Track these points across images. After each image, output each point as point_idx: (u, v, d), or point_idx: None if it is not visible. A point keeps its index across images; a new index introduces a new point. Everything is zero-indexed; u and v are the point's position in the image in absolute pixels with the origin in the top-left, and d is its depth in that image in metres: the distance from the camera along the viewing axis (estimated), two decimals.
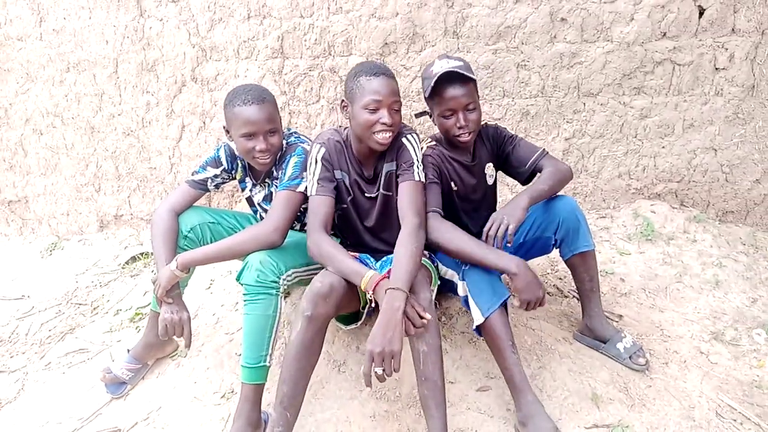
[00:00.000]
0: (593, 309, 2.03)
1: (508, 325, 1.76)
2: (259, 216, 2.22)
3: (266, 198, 2.11)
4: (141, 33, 3.22)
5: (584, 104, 2.87)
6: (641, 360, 1.93)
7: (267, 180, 2.09)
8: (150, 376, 2.21)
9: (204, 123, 3.31)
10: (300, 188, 1.89)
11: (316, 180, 1.86)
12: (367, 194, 1.97)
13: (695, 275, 2.47)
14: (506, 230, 1.74)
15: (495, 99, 2.92)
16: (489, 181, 2.12)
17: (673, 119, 2.81)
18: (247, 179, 2.16)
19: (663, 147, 2.87)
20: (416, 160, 1.86)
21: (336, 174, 1.92)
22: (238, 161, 2.12)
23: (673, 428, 1.71)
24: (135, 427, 1.97)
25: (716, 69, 2.71)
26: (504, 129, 2.12)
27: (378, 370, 1.51)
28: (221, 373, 2.13)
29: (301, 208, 1.93)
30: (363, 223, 2.03)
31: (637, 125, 2.85)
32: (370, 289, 1.62)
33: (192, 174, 2.10)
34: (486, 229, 1.79)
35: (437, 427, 1.60)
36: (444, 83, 1.84)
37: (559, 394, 1.84)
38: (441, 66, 1.86)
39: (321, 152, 1.89)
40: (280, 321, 1.78)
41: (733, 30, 2.65)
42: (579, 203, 2.18)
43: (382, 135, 1.79)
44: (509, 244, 1.77)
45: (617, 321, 2.22)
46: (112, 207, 3.65)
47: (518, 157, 2.06)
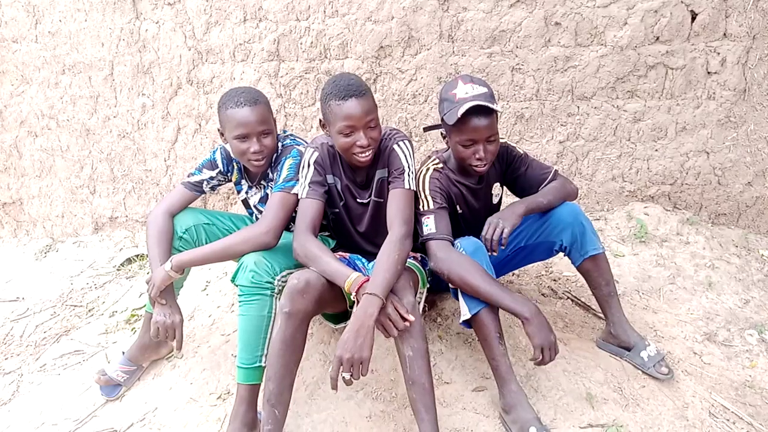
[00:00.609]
0: (615, 315, 1.97)
1: (497, 319, 1.77)
2: (255, 218, 2.22)
3: (262, 200, 2.12)
4: (137, 35, 3.22)
5: (578, 107, 2.90)
6: (664, 369, 1.88)
7: (263, 182, 2.09)
8: (146, 377, 2.21)
9: (199, 125, 3.32)
10: (295, 190, 1.90)
11: (308, 183, 1.87)
12: (359, 200, 1.98)
13: (688, 277, 2.49)
14: (501, 234, 1.78)
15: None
16: (494, 201, 2.12)
17: (666, 122, 2.84)
18: (243, 181, 2.16)
19: (656, 150, 2.89)
20: (407, 168, 1.85)
21: (328, 179, 1.92)
22: (234, 163, 2.13)
23: (667, 428, 1.73)
24: (131, 429, 1.97)
25: (708, 73, 2.74)
26: (514, 148, 2.07)
27: (345, 376, 1.53)
28: (217, 374, 2.13)
29: (296, 210, 1.93)
30: (356, 228, 2.03)
31: (631, 128, 2.87)
32: (354, 291, 1.63)
33: (188, 176, 2.11)
34: (483, 233, 1.82)
35: (428, 430, 1.60)
36: (468, 113, 1.77)
37: (554, 394, 1.85)
38: (466, 91, 1.80)
39: (314, 156, 1.90)
40: (275, 322, 1.77)
41: (725, 34, 2.67)
42: None
43: (362, 156, 1.80)
44: (503, 247, 1.80)
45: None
46: (107, 209, 3.64)
47: (530, 179, 2.03)
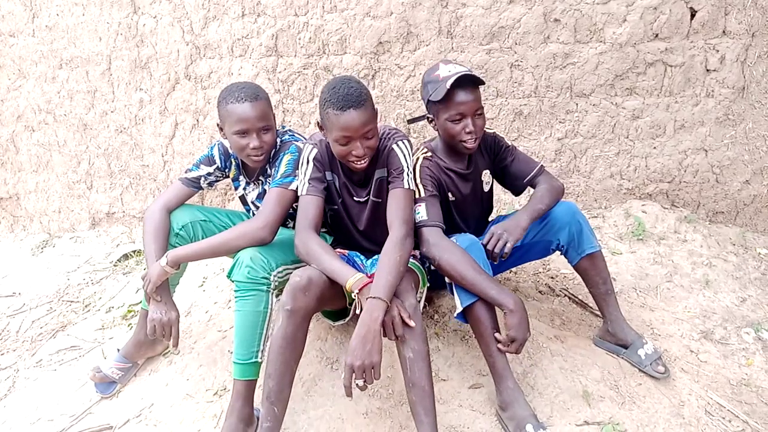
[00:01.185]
0: (612, 313, 1.98)
1: (494, 315, 1.77)
2: (252, 214, 2.21)
3: (259, 196, 2.11)
4: (134, 30, 3.21)
5: (577, 104, 2.89)
6: (660, 368, 1.88)
7: (261, 178, 2.08)
8: (142, 374, 2.20)
9: (197, 121, 3.30)
10: (292, 186, 1.89)
11: (307, 180, 1.86)
12: (356, 198, 1.97)
13: (685, 275, 2.49)
14: (504, 246, 1.78)
15: (488, 99, 2.93)
16: (485, 188, 2.12)
17: (665, 120, 2.83)
18: (241, 177, 2.15)
19: (654, 147, 2.89)
20: (406, 167, 1.85)
21: (327, 175, 1.92)
22: (232, 159, 2.12)
23: (663, 425, 1.73)
24: (127, 425, 1.97)
25: (707, 70, 2.74)
26: (502, 138, 2.09)
27: (359, 382, 1.53)
28: (214, 371, 2.13)
29: (294, 206, 1.93)
30: (355, 225, 2.02)
31: (629, 126, 2.87)
32: (356, 291, 1.63)
33: (185, 172, 2.10)
34: (485, 243, 1.82)
35: None
36: (454, 87, 1.80)
37: (551, 392, 1.85)
38: (449, 70, 1.83)
39: (313, 153, 1.89)
40: (272, 317, 1.77)
41: (724, 32, 2.67)
42: None
43: (358, 164, 1.79)
44: (504, 258, 1.81)
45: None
46: (105, 204, 3.63)
47: (516, 171, 2.05)
